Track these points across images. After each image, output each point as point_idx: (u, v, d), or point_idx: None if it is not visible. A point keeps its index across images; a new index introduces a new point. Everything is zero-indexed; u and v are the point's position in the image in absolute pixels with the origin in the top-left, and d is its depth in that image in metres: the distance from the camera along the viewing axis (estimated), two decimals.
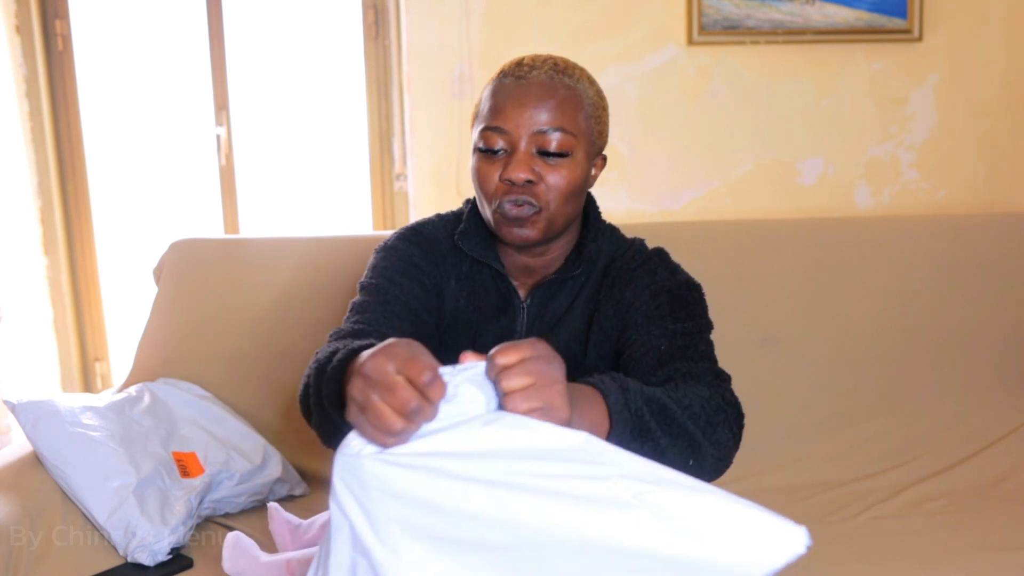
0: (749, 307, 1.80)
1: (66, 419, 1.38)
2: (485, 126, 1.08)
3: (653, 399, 0.90)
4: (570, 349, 1.16)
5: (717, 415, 0.97)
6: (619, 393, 0.87)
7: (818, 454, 1.75)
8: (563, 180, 1.07)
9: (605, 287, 1.16)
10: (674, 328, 1.08)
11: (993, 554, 1.38)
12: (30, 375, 2.67)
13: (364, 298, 1.13)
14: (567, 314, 1.16)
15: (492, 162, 1.08)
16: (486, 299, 1.18)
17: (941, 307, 1.86)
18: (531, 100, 1.06)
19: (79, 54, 2.68)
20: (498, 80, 1.10)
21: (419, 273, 1.16)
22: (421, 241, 1.19)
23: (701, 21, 2.39)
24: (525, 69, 1.08)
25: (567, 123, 1.06)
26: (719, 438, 0.96)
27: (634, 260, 1.17)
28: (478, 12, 2.40)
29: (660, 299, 1.11)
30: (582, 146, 1.09)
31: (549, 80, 1.07)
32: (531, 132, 1.05)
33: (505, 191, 1.07)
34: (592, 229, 1.17)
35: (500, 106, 1.07)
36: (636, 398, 0.88)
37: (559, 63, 1.09)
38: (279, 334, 1.72)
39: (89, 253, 2.79)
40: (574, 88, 1.08)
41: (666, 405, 0.91)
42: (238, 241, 1.87)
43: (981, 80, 2.49)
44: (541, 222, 1.08)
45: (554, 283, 1.16)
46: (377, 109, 2.71)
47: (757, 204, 2.52)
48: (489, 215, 1.11)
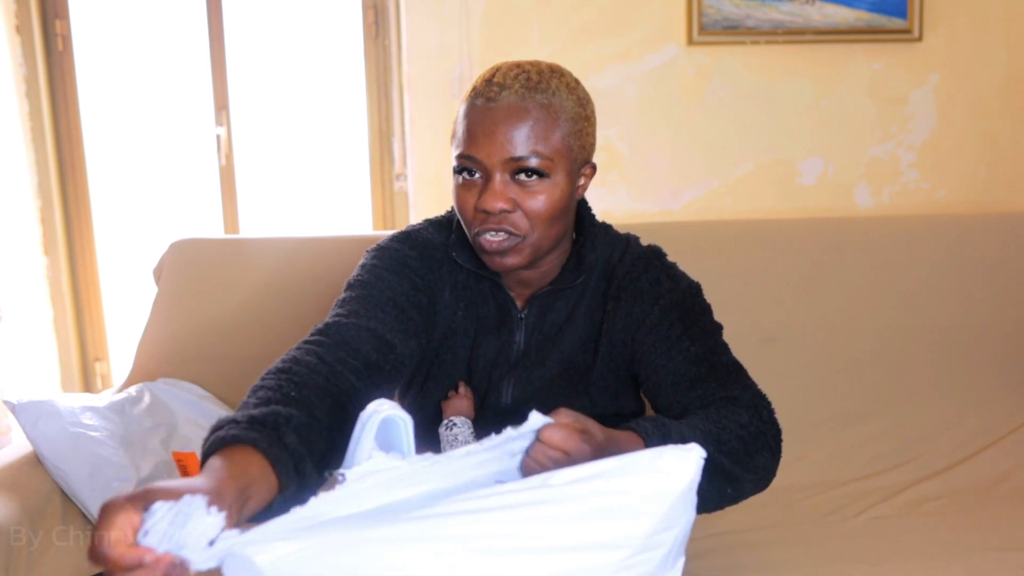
0: (749, 307, 1.80)
1: (66, 419, 1.38)
2: (460, 153, 1.04)
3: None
4: (574, 360, 1.15)
5: (756, 442, 0.99)
6: (660, 440, 0.89)
7: (818, 454, 1.75)
8: (542, 205, 1.03)
9: (611, 299, 1.14)
10: (695, 350, 1.08)
11: (993, 554, 1.38)
12: (30, 375, 2.67)
13: (348, 294, 1.10)
14: (567, 324, 1.15)
15: (470, 188, 1.04)
16: (484, 310, 1.16)
17: (941, 307, 1.86)
18: (501, 126, 1.00)
19: (79, 54, 2.68)
20: (470, 101, 1.04)
21: (411, 272, 1.12)
22: (416, 245, 1.15)
23: (701, 21, 2.39)
24: (495, 89, 1.02)
25: (541, 146, 1.01)
26: (757, 464, 0.99)
27: (635, 268, 1.15)
28: (478, 12, 2.40)
29: (671, 317, 1.10)
30: (561, 165, 1.03)
31: (520, 101, 1.01)
32: (504, 159, 1.01)
33: (482, 219, 1.04)
34: (588, 236, 1.15)
35: (472, 133, 1.02)
36: (677, 442, 0.90)
37: (532, 77, 1.03)
38: (279, 334, 1.72)
39: (89, 253, 2.79)
40: (548, 104, 1.02)
41: (704, 449, 0.93)
42: (238, 241, 1.87)
43: (981, 80, 2.49)
44: (526, 249, 1.05)
45: (551, 293, 1.15)
46: (377, 109, 2.71)
47: (757, 204, 2.52)
48: (472, 241, 1.08)
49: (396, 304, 1.08)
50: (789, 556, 1.39)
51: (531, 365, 1.16)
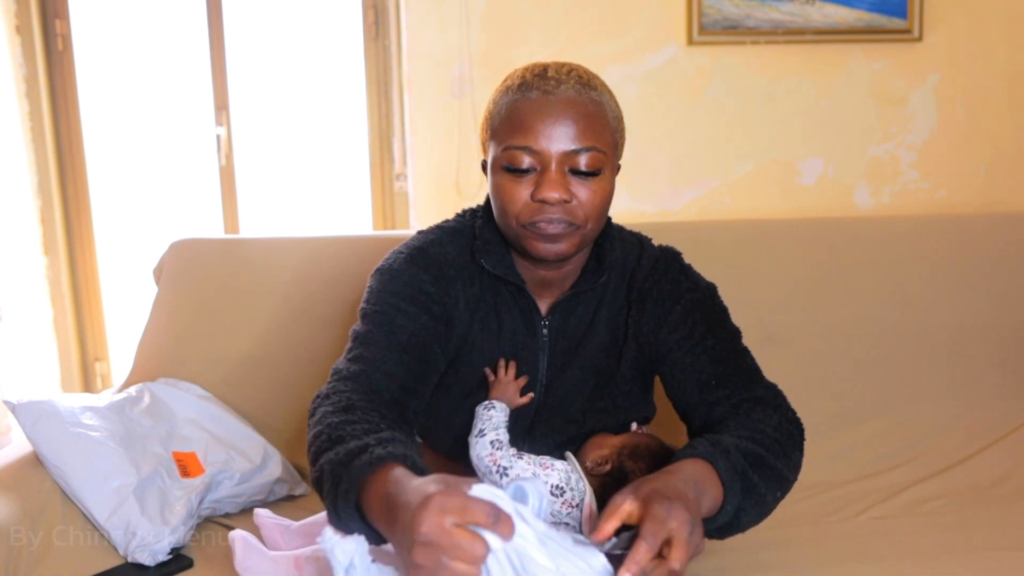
0: (749, 307, 1.80)
1: (66, 419, 1.38)
2: (512, 144, 1.02)
3: (749, 453, 0.95)
4: (598, 363, 1.15)
5: (789, 441, 1.03)
6: (724, 458, 0.92)
7: (818, 454, 1.74)
8: (596, 197, 1.04)
9: (634, 303, 1.15)
10: (719, 348, 1.10)
11: (993, 554, 1.38)
12: (30, 375, 2.67)
13: (367, 327, 1.07)
14: (590, 328, 1.15)
15: (519, 181, 1.04)
16: (504, 318, 1.15)
17: (941, 307, 1.86)
18: (561, 118, 1.01)
19: (79, 54, 2.68)
20: (520, 93, 1.03)
21: (428, 300, 1.09)
22: (429, 265, 1.12)
23: (701, 21, 2.39)
24: (552, 84, 1.02)
25: (597, 141, 1.02)
26: (795, 462, 1.03)
27: (656, 271, 1.16)
28: (478, 12, 2.40)
29: (694, 316, 1.12)
30: (609, 161, 1.06)
31: (577, 95, 1.02)
32: (562, 151, 1.01)
33: (536, 210, 1.03)
34: (607, 236, 1.15)
35: (528, 124, 1.01)
36: (737, 457, 0.93)
37: (583, 76, 1.05)
38: (279, 334, 1.72)
39: (89, 253, 2.79)
40: (600, 102, 1.04)
41: (760, 455, 0.96)
42: (238, 241, 1.87)
43: (981, 80, 2.48)
44: (578, 239, 1.06)
45: (573, 297, 1.15)
46: (377, 109, 2.71)
47: (757, 204, 2.52)
48: (515, 232, 1.07)
49: (417, 342, 1.07)
50: (789, 556, 1.38)
51: (556, 371, 1.16)
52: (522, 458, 1.06)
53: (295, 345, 1.70)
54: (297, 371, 1.69)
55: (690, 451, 0.93)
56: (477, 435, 1.09)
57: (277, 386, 1.70)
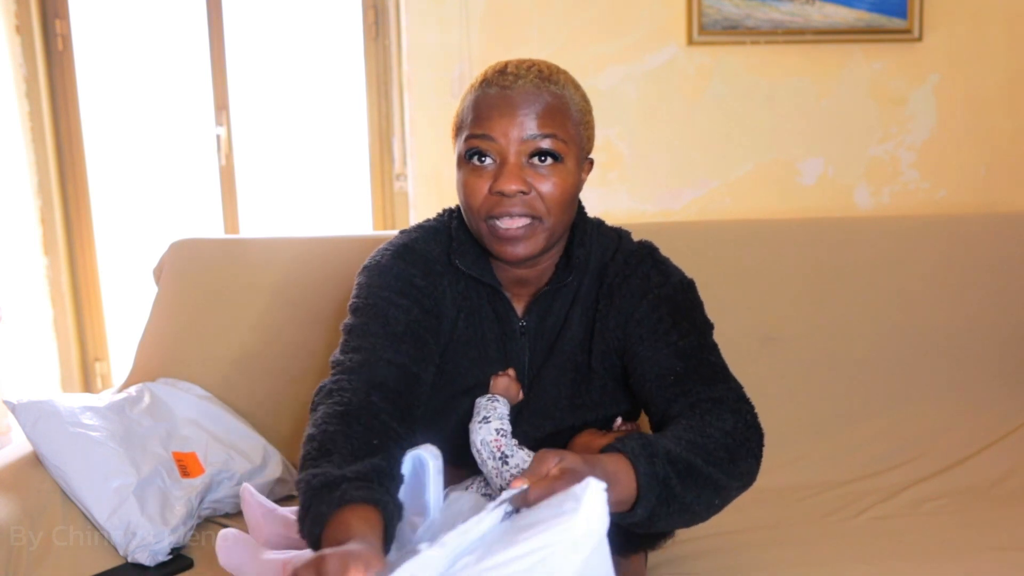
0: (749, 307, 1.80)
1: (66, 419, 1.38)
2: (471, 134, 1.04)
3: (679, 460, 0.91)
4: (574, 360, 1.15)
5: (741, 448, 0.98)
6: (648, 463, 0.88)
7: (818, 454, 1.75)
8: (556, 188, 1.04)
9: (603, 297, 1.14)
10: (683, 344, 1.07)
11: (993, 554, 1.38)
12: (30, 375, 2.67)
13: (361, 320, 1.07)
14: (565, 326, 1.15)
15: (480, 175, 1.04)
16: (485, 319, 1.15)
17: (941, 307, 1.86)
18: (519, 108, 1.02)
19: (79, 54, 2.68)
20: (481, 89, 1.05)
21: (419, 294, 1.10)
22: (417, 260, 1.12)
23: (701, 21, 2.39)
24: (510, 78, 1.04)
25: (556, 130, 1.03)
26: (743, 470, 0.98)
27: (627, 265, 1.15)
28: (478, 12, 2.40)
29: (660, 311, 1.10)
30: (572, 152, 1.05)
31: (535, 88, 1.03)
32: (521, 140, 1.02)
33: (496, 203, 1.03)
34: (579, 232, 1.14)
35: (485, 115, 1.03)
36: (662, 465, 0.89)
37: (543, 70, 1.06)
38: (279, 334, 1.72)
39: (89, 253, 2.79)
40: (560, 95, 1.05)
41: (692, 464, 0.92)
42: (238, 241, 1.87)
43: (981, 80, 2.49)
44: (542, 234, 1.05)
45: (548, 294, 1.14)
46: (377, 109, 2.71)
47: (757, 204, 2.52)
48: (480, 230, 1.07)
49: (414, 332, 1.07)
50: (789, 556, 1.39)
51: (536, 369, 1.16)
52: (522, 449, 1.07)
53: (294, 345, 1.70)
54: (297, 371, 1.69)
55: (619, 446, 0.90)
56: (481, 422, 1.09)
57: (277, 386, 1.70)
